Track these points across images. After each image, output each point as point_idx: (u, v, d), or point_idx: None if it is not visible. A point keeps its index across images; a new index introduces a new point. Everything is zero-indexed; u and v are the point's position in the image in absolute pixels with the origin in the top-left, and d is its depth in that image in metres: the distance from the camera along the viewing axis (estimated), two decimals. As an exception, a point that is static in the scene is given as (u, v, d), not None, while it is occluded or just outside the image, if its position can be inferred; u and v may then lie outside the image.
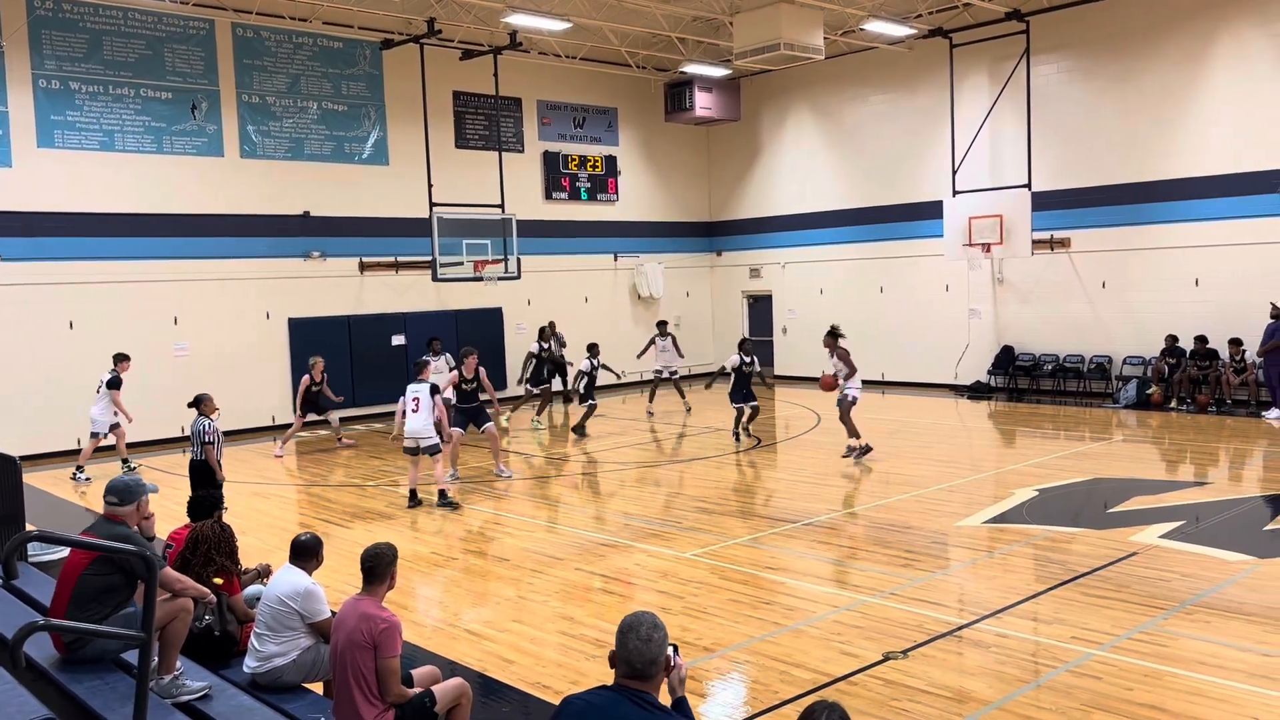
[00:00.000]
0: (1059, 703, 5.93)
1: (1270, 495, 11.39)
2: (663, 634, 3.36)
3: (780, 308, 24.99)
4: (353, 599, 5.07)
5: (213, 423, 10.73)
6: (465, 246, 19.20)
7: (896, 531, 10.07)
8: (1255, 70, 17.14)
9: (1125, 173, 18.75)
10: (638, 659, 3.31)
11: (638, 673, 3.32)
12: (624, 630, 3.35)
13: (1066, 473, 12.60)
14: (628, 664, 3.33)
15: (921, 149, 21.72)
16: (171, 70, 17.75)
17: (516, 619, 7.91)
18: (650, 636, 3.33)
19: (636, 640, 3.32)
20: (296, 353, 19.05)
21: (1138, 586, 8.01)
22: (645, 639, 3.32)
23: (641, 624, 3.35)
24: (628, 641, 3.33)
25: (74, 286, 16.74)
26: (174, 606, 5.36)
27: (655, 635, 3.34)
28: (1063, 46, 19.42)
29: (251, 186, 18.68)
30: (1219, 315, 17.52)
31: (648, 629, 3.34)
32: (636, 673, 3.32)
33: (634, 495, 12.59)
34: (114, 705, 4.94)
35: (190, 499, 6.79)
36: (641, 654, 3.31)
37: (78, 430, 16.67)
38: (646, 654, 3.31)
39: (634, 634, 3.33)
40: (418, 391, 11.99)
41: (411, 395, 12.02)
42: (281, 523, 11.60)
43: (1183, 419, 16.64)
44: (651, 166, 25.22)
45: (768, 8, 17.77)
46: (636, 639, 3.32)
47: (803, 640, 7.16)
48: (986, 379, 20.90)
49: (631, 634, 3.33)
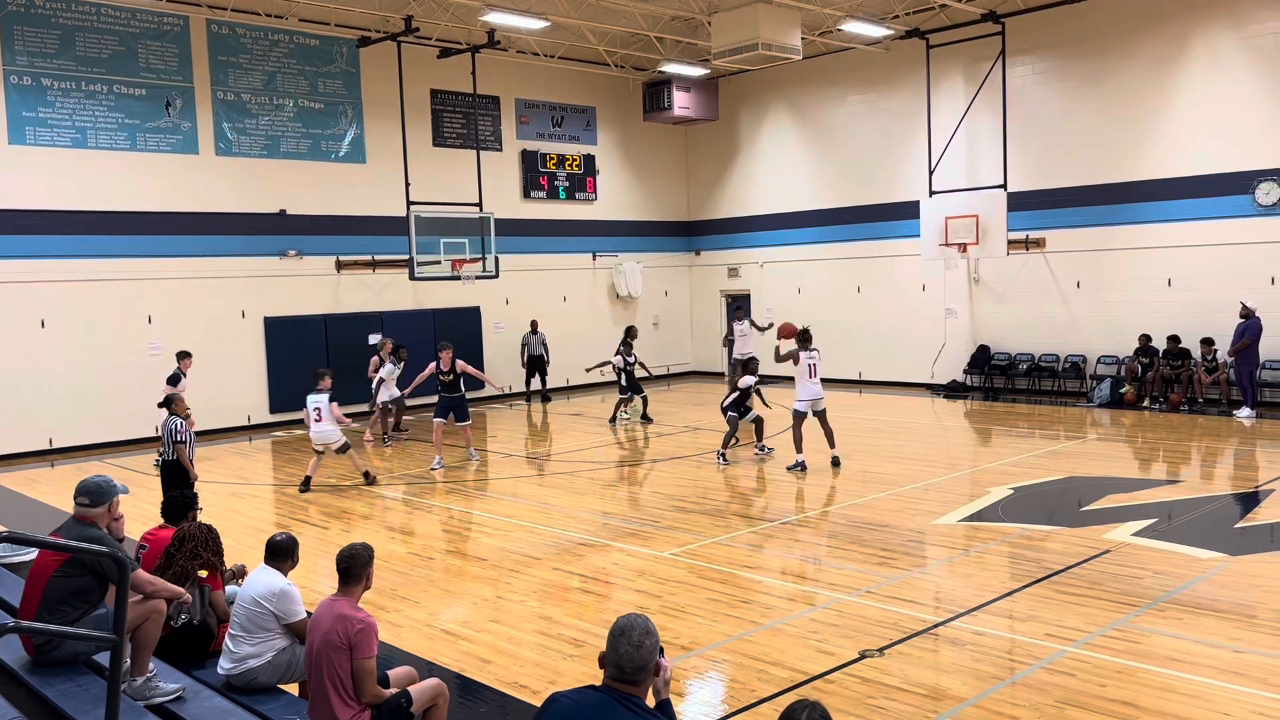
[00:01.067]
0: (1033, 699, 5.98)
1: (1241, 493, 11.51)
2: (654, 640, 3.36)
3: (758, 307, 25.04)
4: (328, 600, 5.04)
5: (184, 422, 10.65)
6: (443, 245, 19.13)
7: (873, 530, 10.11)
8: (1228, 72, 17.33)
9: (1099, 174, 18.92)
10: (628, 664, 3.31)
11: (627, 677, 3.32)
12: (616, 634, 3.34)
13: (1041, 471, 12.70)
14: (617, 667, 3.32)
15: (898, 149, 21.83)
16: (145, 67, 17.59)
17: (494, 619, 7.89)
18: (642, 643, 3.32)
19: (628, 646, 3.31)
20: (273, 352, 18.94)
21: (1111, 584, 8.08)
22: (637, 645, 3.31)
23: (634, 629, 3.34)
24: (619, 646, 3.32)
25: (46, 285, 16.55)
26: (146, 608, 5.30)
27: (647, 642, 3.33)
28: (1038, 48, 19.57)
29: (227, 184, 18.53)
30: (1191, 315, 17.71)
31: (639, 635, 3.33)
32: (626, 677, 3.32)
33: (612, 494, 12.58)
34: (86, 708, 4.89)
35: (164, 500, 6.74)
36: (632, 660, 3.31)
37: (49, 430, 16.56)
38: (637, 660, 3.31)
39: (626, 639, 3.32)
40: (318, 402, 12.90)
41: (312, 406, 12.91)
42: (257, 523, 11.51)
43: (1155, 418, 16.81)
44: (630, 166, 25.22)
45: (746, 8, 17.81)
46: (628, 644, 3.31)
47: (780, 639, 7.18)
48: (963, 378, 21.03)
49: (623, 639, 3.32)
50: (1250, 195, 17.15)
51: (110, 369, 17.00)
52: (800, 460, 13.27)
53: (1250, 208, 17.18)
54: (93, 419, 16.85)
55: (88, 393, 16.77)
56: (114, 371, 17.03)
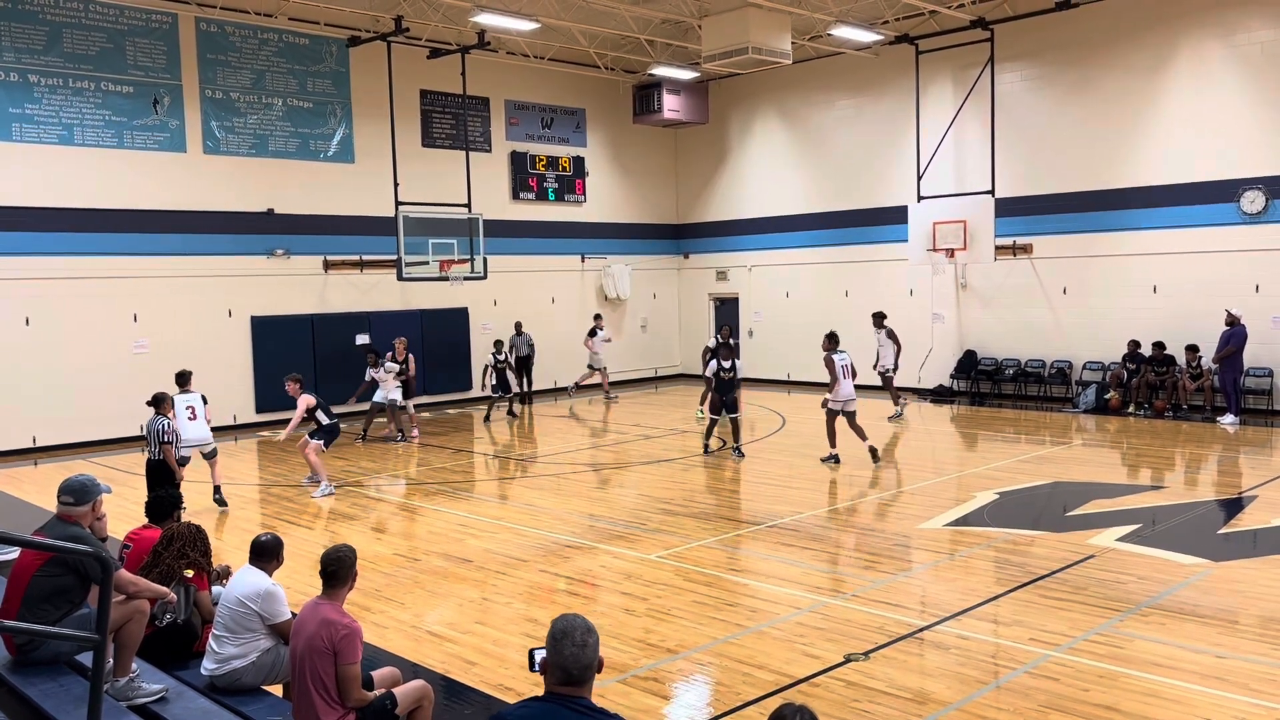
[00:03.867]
0: (1017, 704, 6.00)
1: (1224, 499, 11.59)
2: (596, 638, 3.32)
3: (746, 310, 25.09)
4: (313, 602, 5.01)
5: (171, 422, 10.61)
6: (431, 246, 19.11)
7: (859, 534, 10.14)
8: (1214, 81, 17.45)
9: (1086, 180, 19.02)
10: (574, 665, 3.26)
11: (574, 679, 3.27)
12: (558, 637, 3.28)
13: (1027, 476, 12.75)
14: (563, 670, 3.27)
15: (887, 154, 21.89)
16: (133, 64, 17.51)
17: (480, 620, 7.88)
18: (585, 642, 3.28)
19: (573, 647, 3.26)
20: (259, 351, 18.87)
21: (1095, 589, 8.12)
22: (580, 644, 3.27)
23: (576, 629, 3.29)
24: (563, 649, 3.26)
25: (31, 282, 16.43)
26: (129, 608, 5.27)
27: (590, 640, 3.29)
28: (1026, 55, 19.66)
29: (214, 183, 18.45)
30: (1176, 322, 17.82)
31: (582, 634, 3.28)
32: (573, 679, 3.27)
33: (598, 497, 12.57)
34: (68, 708, 4.86)
35: (149, 499, 6.70)
36: (578, 659, 3.26)
37: (33, 429, 16.45)
38: (582, 659, 3.27)
39: (569, 640, 3.27)
40: (190, 401, 11.87)
41: (185, 405, 11.75)
42: (242, 523, 11.46)
43: (1140, 424, 16.89)
44: (619, 168, 25.22)
45: (736, 11, 17.85)
46: (572, 645, 3.26)
47: (765, 642, 7.18)
48: (949, 383, 21.10)
49: (566, 640, 3.27)
50: (1235, 203, 17.26)
51: (95, 367, 16.91)
52: (833, 454, 13.71)
53: (1235, 216, 17.29)
54: (77, 418, 16.74)
55: (72, 391, 16.67)
56: (99, 370, 16.93)
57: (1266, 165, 16.92)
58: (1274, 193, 16.86)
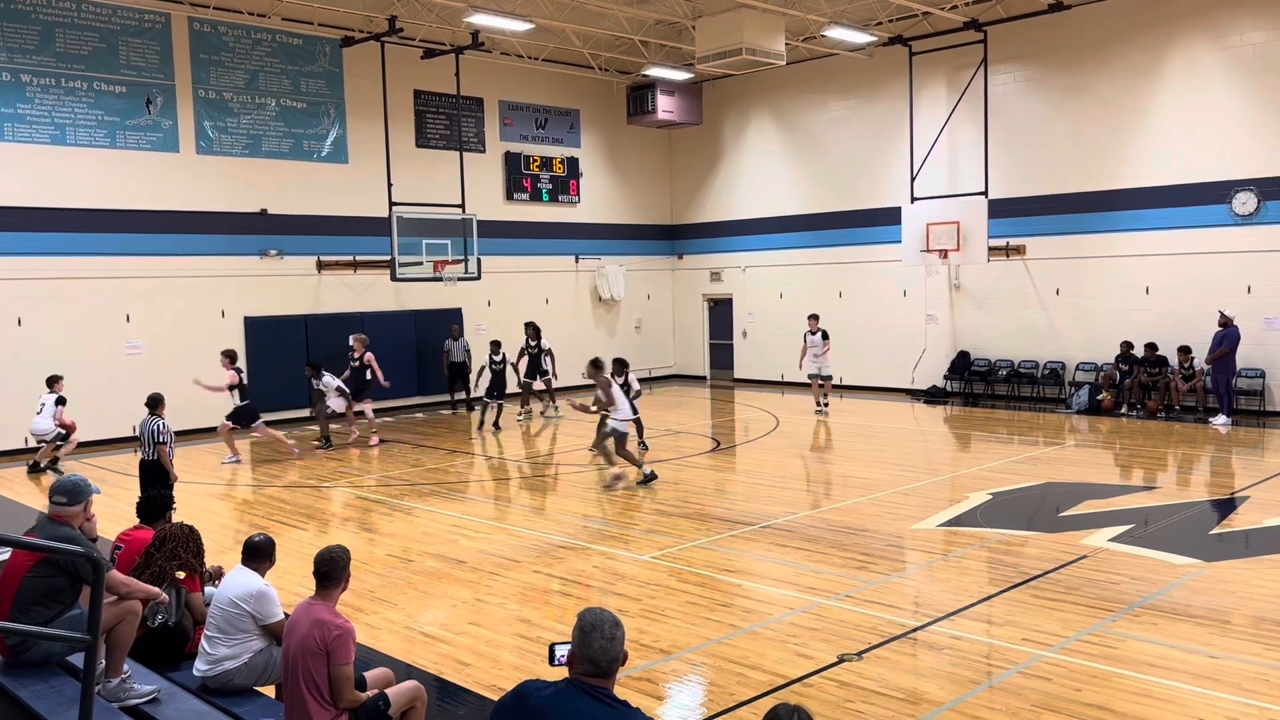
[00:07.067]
0: (1010, 704, 6.01)
1: (1217, 500, 11.62)
2: (623, 631, 3.43)
3: (740, 311, 25.10)
4: (306, 602, 5.00)
5: (166, 423, 10.58)
6: (425, 246, 19.08)
7: (852, 534, 10.14)
8: (1206, 83, 17.50)
9: (1079, 182, 19.06)
10: (603, 657, 3.36)
11: (601, 671, 3.37)
12: (586, 630, 3.39)
13: (1020, 477, 12.78)
14: (591, 662, 3.36)
15: (880, 156, 21.92)
16: (126, 64, 17.46)
17: (473, 621, 7.87)
18: (614, 635, 3.38)
19: (601, 640, 3.36)
20: (253, 352, 18.81)
21: (1088, 589, 8.14)
22: (609, 638, 3.37)
23: (604, 623, 3.39)
24: (592, 641, 3.36)
25: (23, 282, 16.39)
26: (121, 609, 5.26)
27: (618, 633, 3.40)
28: (1019, 57, 19.70)
29: (208, 183, 18.41)
30: (1169, 323, 17.87)
31: (610, 628, 3.39)
32: (600, 671, 3.37)
33: (592, 497, 12.57)
34: (59, 709, 4.84)
35: (140, 499, 6.69)
36: (606, 652, 3.36)
37: (24, 429, 16.36)
38: (610, 652, 3.37)
39: (598, 634, 3.37)
40: (45, 399, 14.61)
41: (39, 401, 14.60)
42: (234, 523, 11.44)
43: (1133, 425, 16.94)
44: (613, 169, 25.22)
45: (730, 13, 17.87)
46: (601, 638, 3.36)
47: (759, 642, 7.19)
48: (943, 384, 21.13)
49: (596, 634, 3.37)
50: (1228, 205, 17.31)
51: (88, 368, 16.84)
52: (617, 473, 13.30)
53: (1228, 217, 17.34)
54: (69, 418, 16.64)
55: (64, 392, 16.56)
56: (91, 370, 16.86)
57: (1258, 167, 16.98)
58: (1266, 194, 16.92)
